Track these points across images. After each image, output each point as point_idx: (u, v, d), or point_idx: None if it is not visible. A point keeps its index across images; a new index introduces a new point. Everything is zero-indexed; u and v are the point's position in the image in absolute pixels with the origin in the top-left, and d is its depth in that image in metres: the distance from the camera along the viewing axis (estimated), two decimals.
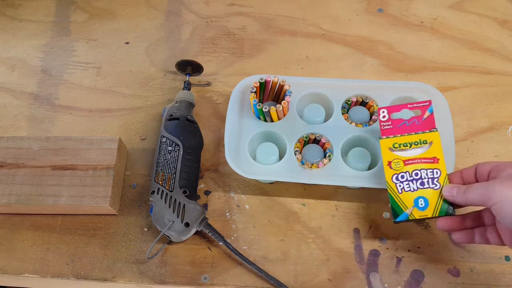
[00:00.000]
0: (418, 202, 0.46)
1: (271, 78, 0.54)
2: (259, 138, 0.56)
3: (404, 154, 0.48)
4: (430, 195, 0.46)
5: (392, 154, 0.48)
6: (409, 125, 0.49)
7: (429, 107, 0.49)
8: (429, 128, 0.48)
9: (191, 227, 0.51)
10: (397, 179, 0.47)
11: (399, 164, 0.47)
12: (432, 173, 0.47)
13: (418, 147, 0.48)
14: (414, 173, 0.47)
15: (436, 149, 0.47)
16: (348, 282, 0.51)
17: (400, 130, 0.49)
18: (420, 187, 0.47)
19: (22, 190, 0.53)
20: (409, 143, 0.48)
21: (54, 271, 0.52)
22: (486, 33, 0.66)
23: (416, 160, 0.47)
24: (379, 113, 0.50)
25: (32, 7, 0.72)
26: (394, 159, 0.48)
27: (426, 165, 0.47)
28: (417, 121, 0.49)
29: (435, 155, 0.47)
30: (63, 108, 0.63)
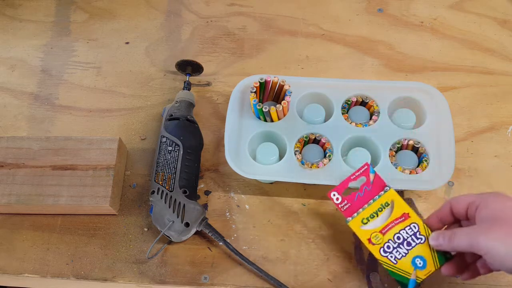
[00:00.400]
0: (416, 263, 0.45)
1: (271, 78, 0.54)
2: (259, 138, 0.56)
3: (376, 224, 0.47)
4: (422, 250, 0.45)
5: (367, 231, 0.47)
6: (363, 195, 0.48)
7: (370, 170, 0.49)
8: (381, 189, 0.49)
9: (191, 227, 0.51)
10: (385, 251, 0.46)
11: (378, 237, 0.47)
12: (411, 229, 0.46)
13: (384, 212, 0.48)
14: (396, 237, 0.46)
15: (400, 205, 0.47)
16: (348, 282, 0.51)
17: (358, 203, 0.48)
18: (409, 248, 0.46)
19: (22, 190, 0.53)
20: (374, 213, 0.48)
21: (54, 271, 0.52)
22: (486, 33, 0.66)
23: (390, 225, 0.47)
24: (332, 198, 0.49)
25: (32, 7, 0.72)
26: (372, 234, 0.47)
27: (401, 225, 0.47)
28: (367, 187, 0.49)
29: (402, 211, 0.47)
30: (63, 108, 0.63)
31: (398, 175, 0.52)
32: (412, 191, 0.55)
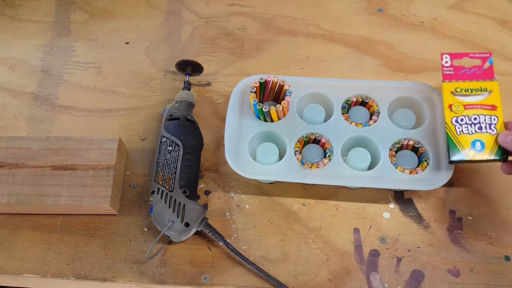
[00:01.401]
0: (475, 145, 0.48)
1: (271, 78, 0.54)
2: (259, 138, 0.56)
3: (465, 99, 0.50)
4: (487, 139, 0.48)
5: (453, 98, 0.50)
6: (470, 73, 0.51)
7: (489, 58, 0.51)
8: (488, 78, 0.51)
9: (191, 227, 0.51)
10: (457, 121, 0.49)
11: (460, 108, 0.50)
12: (490, 119, 0.49)
13: (478, 94, 0.50)
14: (473, 117, 0.49)
15: (495, 98, 0.50)
16: (348, 282, 0.51)
17: (461, 76, 0.51)
18: (478, 131, 0.49)
19: (22, 190, 0.53)
20: (470, 89, 0.50)
21: (54, 271, 0.52)
22: (486, 33, 0.66)
23: (476, 106, 0.50)
24: (442, 58, 0.52)
25: (32, 7, 0.72)
26: (455, 102, 0.50)
27: (485, 111, 0.49)
28: (477, 70, 0.51)
29: (493, 103, 0.50)
30: (63, 108, 0.63)
31: (398, 175, 0.52)
32: (412, 191, 0.55)
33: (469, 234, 0.52)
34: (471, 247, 0.52)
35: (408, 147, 0.54)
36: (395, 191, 0.55)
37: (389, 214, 0.54)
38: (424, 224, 0.53)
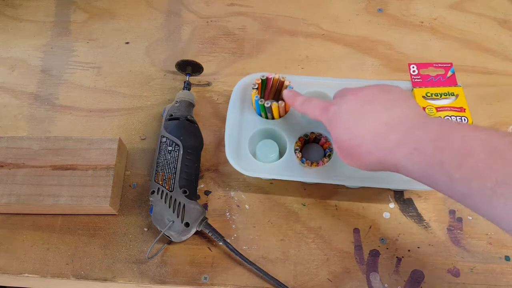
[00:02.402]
0: None
1: (272, 76, 0.54)
2: (259, 135, 0.56)
3: (435, 102, 0.54)
4: None
5: (425, 101, 0.54)
6: (435, 81, 0.55)
7: (451, 68, 0.56)
8: (453, 83, 0.55)
9: (191, 227, 0.51)
10: None
11: (433, 110, 0.53)
12: (461, 120, 0.53)
13: (447, 98, 0.54)
14: (445, 118, 0.52)
15: (462, 101, 0.54)
16: (348, 282, 0.51)
17: (428, 83, 0.55)
18: None
19: (22, 190, 0.53)
20: (439, 94, 0.54)
21: (54, 271, 0.52)
22: (486, 33, 0.66)
23: (446, 108, 0.53)
24: (410, 68, 0.57)
25: (32, 7, 0.72)
26: (428, 105, 0.54)
27: (455, 113, 0.53)
28: (442, 78, 0.56)
29: (461, 105, 0.53)
30: (63, 108, 0.63)
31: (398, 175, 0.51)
32: (412, 191, 0.55)
33: (469, 234, 0.52)
34: (471, 247, 0.52)
35: None
36: (395, 191, 0.55)
37: (389, 214, 0.54)
38: (424, 224, 0.53)
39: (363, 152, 0.41)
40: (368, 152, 0.41)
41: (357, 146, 0.41)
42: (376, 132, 0.40)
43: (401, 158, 0.38)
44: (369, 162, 0.41)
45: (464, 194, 0.34)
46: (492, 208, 0.33)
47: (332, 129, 0.44)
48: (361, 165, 0.43)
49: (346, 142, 0.42)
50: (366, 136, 0.41)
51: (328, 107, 0.45)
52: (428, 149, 0.36)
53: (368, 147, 0.40)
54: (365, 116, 0.41)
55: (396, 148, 0.39)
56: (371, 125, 0.41)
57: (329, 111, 0.44)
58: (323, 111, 0.45)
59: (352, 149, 0.42)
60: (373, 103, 0.42)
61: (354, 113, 0.42)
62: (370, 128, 0.41)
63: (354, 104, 0.43)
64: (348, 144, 0.42)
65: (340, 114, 0.43)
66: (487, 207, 0.33)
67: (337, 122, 0.43)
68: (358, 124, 0.41)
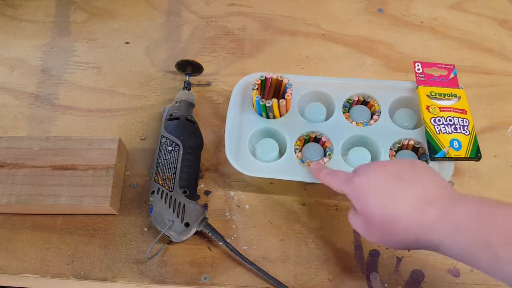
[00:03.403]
0: (453, 143, 0.51)
1: (270, 76, 0.54)
2: (259, 135, 0.56)
3: (439, 102, 0.54)
4: (462, 139, 0.51)
5: (429, 100, 0.54)
6: (438, 81, 0.55)
7: (453, 70, 0.56)
8: (455, 86, 0.55)
9: (191, 227, 0.51)
10: (435, 121, 0.52)
11: (436, 110, 0.53)
12: (463, 121, 0.53)
13: (449, 99, 0.54)
14: (448, 118, 0.53)
15: (464, 103, 0.54)
16: (348, 282, 0.51)
17: (431, 83, 0.55)
18: (454, 131, 0.52)
19: (22, 190, 0.53)
20: (442, 94, 0.54)
21: (54, 271, 0.52)
22: (486, 33, 0.66)
23: (449, 109, 0.53)
24: (415, 66, 0.57)
25: (32, 7, 0.72)
26: (431, 104, 0.53)
27: (458, 114, 0.53)
28: (445, 79, 0.56)
29: (463, 107, 0.54)
30: (63, 108, 0.63)
31: None
32: None
33: None
34: None
35: (408, 147, 0.54)
36: None
37: None
38: None
39: (400, 228, 0.39)
40: (405, 228, 0.38)
41: (393, 221, 0.39)
42: (413, 207, 0.38)
43: (443, 236, 0.36)
44: (405, 240, 0.39)
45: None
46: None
47: (358, 201, 0.42)
48: (393, 243, 0.40)
49: (377, 216, 0.40)
50: (401, 212, 0.38)
51: (352, 179, 0.42)
52: (473, 227, 0.35)
53: (405, 223, 0.38)
54: (397, 190, 0.39)
55: (436, 225, 0.37)
56: (406, 200, 0.38)
57: (354, 182, 0.42)
58: (348, 183, 0.43)
59: (386, 225, 0.39)
60: (402, 176, 0.40)
61: (385, 187, 0.40)
62: (406, 203, 0.38)
63: (382, 177, 0.40)
64: (380, 219, 0.39)
65: (368, 186, 0.41)
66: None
67: (365, 194, 0.41)
68: (391, 198, 0.39)
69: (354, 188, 0.42)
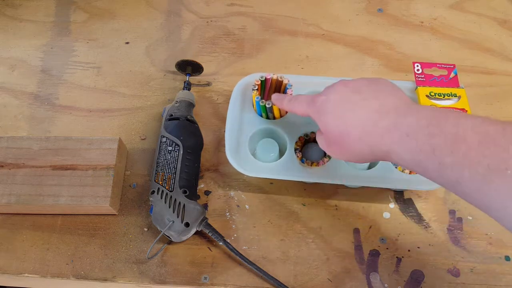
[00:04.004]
0: None
1: (270, 76, 0.54)
2: (260, 135, 0.56)
3: (438, 102, 0.54)
4: None
5: (429, 101, 0.54)
6: (438, 81, 0.55)
7: (453, 69, 0.56)
8: (456, 85, 0.55)
9: (191, 227, 0.51)
10: None
11: None
12: None
13: (449, 99, 0.54)
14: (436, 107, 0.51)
15: (464, 103, 0.54)
16: (348, 282, 0.51)
17: (431, 83, 0.55)
18: None
19: (22, 190, 0.53)
20: (442, 94, 0.54)
21: (54, 271, 0.52)
22: (486, 33, 0.66)
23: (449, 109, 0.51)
24: (414, 66, 0.56)
25: (32, 7, 0.72)
26: (431, 105, 0.53)
27: None
28: (445, 79, 0.55)
29: (463, 107, 0.53)
30: (63, 108, 0.63)
31: (398, 175, 0.51)
32: (412, 191, 0.55)
33: (469, 234, 0.52)
34: (471, 247, 0.52)
35: None
36: (395, 191, 0.55)
37: (389, 214, 0.54)
38: (424, 224, 0.53)
39: (354, 140, 0.40)
40: (359, 139, 0.40)
41: (347, 134, 0.40)
42: (366, 119, 0.39)
43: (393, 144, 0.37)
44: (359, 151, 0.41)
45: (455, 181, 0.34)
46: (483, 195, 0.32)
47: (319, 120, 0.43)
48: (351, 155, 0.42)
49: (335, 131, 0.42)
50: (356, 123, 0.40)
51: (315, 99, 0.44)
52: (420, 135, 0.35)
53: (359, 134, 0.40)
54: (354, 104, 0.41)
55: (388, 134, 0.38)
56: (361, 113, 0.40)
57: (316, 102, 0.44)
58: (310, 104, 0.45)
59: (342, 139, 0.41)
60: (362, 93, 0.41)
61: (343, 102, 0.41)
62: (360, 115, 0.40)
63: (342, 94, 0.42)
64: (338, 133, 0.41)
65: (328, 104, 0.42)
66: (478, 194, 0.32)
67: (325, 112, 0.42)
68: (347, 112, 0.41)
69: (317, 107, 0.43)
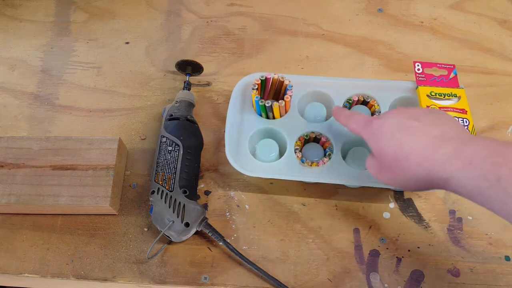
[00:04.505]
0: None
1: (271, 76, 0.54)
2: (259, 135, 0.56)
3: (439, 102, 0.54)
4: None
5: (429, 100, 0.54)
6: (438, 81, 0.55)
7: (453, 70, 0.56)
8: (455, 86, 0.55)
9: (191, 227, 0.51)
10: None
11: None
12: (463, 121, 0.52)
13: (450, 99, 0.54)
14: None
15: (464, 103, 0.54)
16: (348, 282, 0.51)
17: (431, 83, 0.55)
18: None
19: (22, 190, 0.53)
20: (442, 94, 0.54)
21: (54, 271, 0.52)
22: (486, 33, 0.66)
23: (450, 109, 0.53)
24: (415, 66, 0.57)
25: (32, 7, 0.72)
26: (432, 104, 0.53)
27: (458, 114, 0.53)
28: (445, 79, 0.55)
29: (463, 107, 0.53)
30: (63, 108, 0.63)
31: None
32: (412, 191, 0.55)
33: (469, 234, 0.52)
34: (471, 247, 0.52)
35: None
36: (395, 191, 0.55)
37: (389, 214, 0.54)
38: (424, 224, 0.53)
39: (411, 165, 0.39)
40: (417, 164, 0.39)
41: (405, 158, 0.40)
42: (427, 145, 0.39)
43: (456, 171, 0.37)
44: (415, 177, 0.40)
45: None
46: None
47: (374, 143, 0.43)
48: (404, 181, 0.41)
49: (390, 155, 0.41)
50: (415, 148, 0.39)
51: (372, 121, 0.44)
52: (484, 164, 0.35)
53: (418, 159, 0.39)
54: (413, 129, 0.40)
55: (449, 162, 0.37)
56: (420, 138, 0.39)
57: (373, 124, 0.43)
58: (367, 124, 0.44)
59: (397, 163, 0.40)
60: (420, 120, 0.41)
61: (401, 127, 0.41)
62: (420, 140, 0.39)
63: (400, 119, 0.42)
64: (393, 157, 0.40)
65: (384, 128, 0.42)
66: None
67: (381, 135, 0.42)
68: (406, 136, 0.40)
69: (372, 129, 0.43)
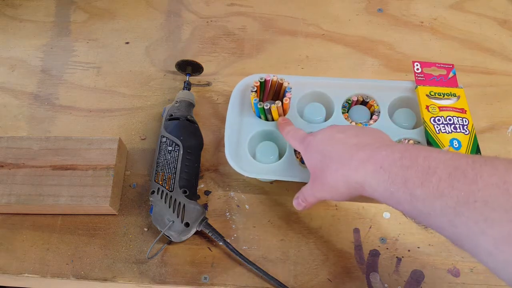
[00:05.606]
0: (453, 143, 0.51)
1: (270, 77, 0.54)
2: (259, 137, 0.56)
3: (438, 101, 0.54)
4: (462, 138, 0.52)
5: (429, 100, 0.54)
6: (437, 81, 0.56)
7: (452, 69, 0.56)
8: (454, 86, 0.55)
9: (191, 227, 0.51)
10: (434, 121, 0.53)
11: (435, 109, 0.53)
12: (462, 120, 0.53)
13: (449, 98, 0.54)
14: (447, 118, 0.53)
15: (463, 102, 0.54)
16: (348, 282, 0.51)
17: (430, 82, 0.56)
18: (454, 131, 0.52)
19: (22, 190, 0.53)
20: (442, 93, 0.55)
21: (54, 271, 0.52)
22: (486, 33, 0.66)
23: (449, 108, 0.54)
24: (414, 65, 0.57)
25: (32, 7, 0.72)
26: (431, 104, 0.54)
27: (457, 114, 0.53)
28: (444, 79, 0.56)
29: (462, 107, 0.54)
30: (63, 108, 0.63)
31: None
32: None
33: None
34: None
35: None
36: None
37: (389, 214, 0.54)
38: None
39: (331, 172, 0.42)
40: (335, 170, 0.41)
41: (326, 166, 0.42)
42: (344, 152, 0.41)
43: (367, 175, 0.38)
44: (335, 183, 0.42)
45: (427, 214, 0.34)
46: (454, 227, 0.32)
47: (306, 157, 0.46)
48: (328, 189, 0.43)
49: (317, 165, 0.44)
50: (333, 156, 0.42)
51: (306, 138, 0.47)
52: (393, 167, 0.37)
53: (335, 165, 0.41)
54: (336, 141, 0.43)
55: (362, 166, 0.39)
56: (340, 147, 0.42)
57: (305, 140, 0.47)
58: (301, 141, 0.48)
59: (322, 172, 0.43)
60: (345, 132, 0.44)
61: (327, 140, 0.44)
62: (339, 149, 0.42)
63: (328, 133, 0.45)
64: (319, 167, 0.43)
65: (313, 142, 0.45)
66: (450, 227, 0.33)
67: (310, 149, 0.45)
68: (328, 147, 0.43)
69: (305, 145, 0.47)
